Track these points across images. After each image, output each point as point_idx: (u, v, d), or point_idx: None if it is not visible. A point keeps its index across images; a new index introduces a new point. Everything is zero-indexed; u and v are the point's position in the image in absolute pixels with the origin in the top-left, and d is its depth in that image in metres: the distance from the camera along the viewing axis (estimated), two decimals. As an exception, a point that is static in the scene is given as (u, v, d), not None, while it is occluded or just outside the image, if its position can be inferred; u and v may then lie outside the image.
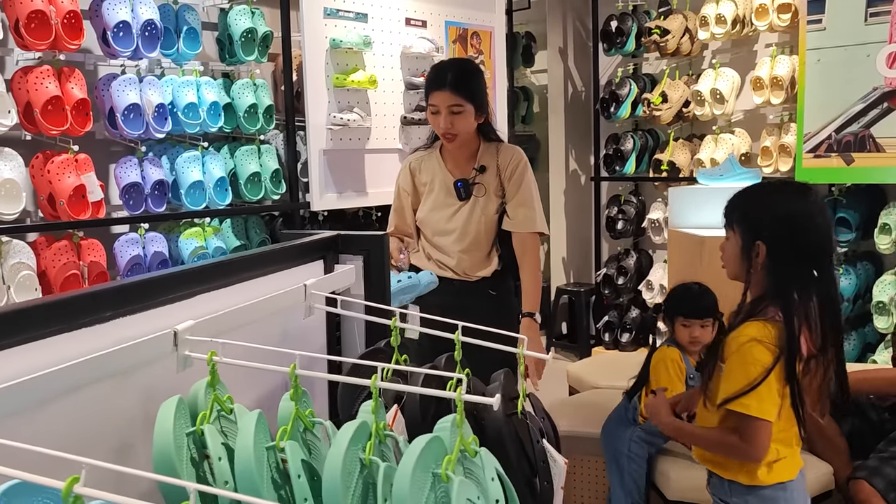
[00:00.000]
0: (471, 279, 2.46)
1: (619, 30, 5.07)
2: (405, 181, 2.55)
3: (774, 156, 4.51)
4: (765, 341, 1.51)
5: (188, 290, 1.11)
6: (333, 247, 1.46)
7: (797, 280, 1.55)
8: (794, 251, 1.56)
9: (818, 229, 1.58)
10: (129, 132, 2.93)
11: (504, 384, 1.18)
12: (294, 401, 0.96)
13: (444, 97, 2.32)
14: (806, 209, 1.59)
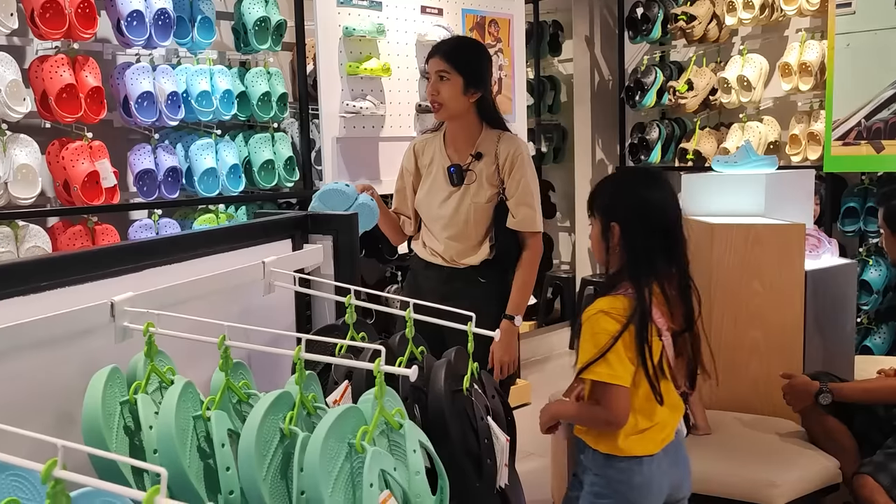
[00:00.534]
0: (458, 266, 2.42)
1: (644, 17, 4.99)
2: (408, 161, 2.56)
3: (803, 144, 4.40)
4: (612, 312, 1.61)
5: (136, 262, 1.13)
6: (302, 226, 1.47)
7: (648, 257, 1.66)
8: (644, 231, 1.67)
9: (665, 210, 1.70)
10: (142, 120, 2.99)
11: (454, 362, 1.18)
12: (224, 371, 0.97)
13: (433, 63, 2.36)
14: (653, 192, 1.71)
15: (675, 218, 1.71)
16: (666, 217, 1.69)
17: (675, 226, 1.70)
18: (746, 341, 2.81)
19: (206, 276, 1.17)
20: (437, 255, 2.44)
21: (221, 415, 0.93)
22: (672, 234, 1.69)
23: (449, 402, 1.10)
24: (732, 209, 3.08)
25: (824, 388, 2.32)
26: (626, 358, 1.60)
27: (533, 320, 5.88)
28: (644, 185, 1.73)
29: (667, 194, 1.72)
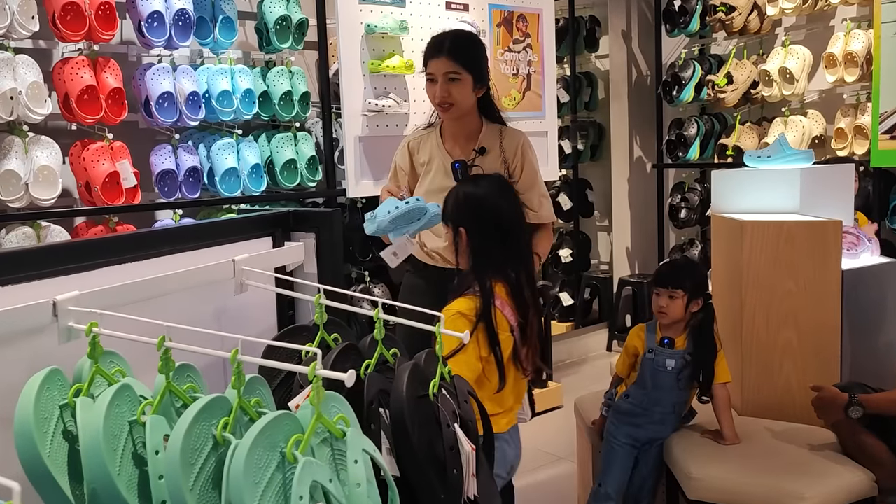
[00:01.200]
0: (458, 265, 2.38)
1: (682, 9, 4.85)
2: (403, 159, 2.46)
3: (849, 138, 4.20)
4: (466, 313, 1.72)
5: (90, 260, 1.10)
6: (283, 223, 1.42)
7: (488, 256, 1.79)
8: (482, 231, 1.81)
9: (499, 211, 1.82)
10: (162, 120, 3.00)
11: (423, 364, 1.12)
12: (164, 374, 0.93)
13: (440, 64, 2.26)
14: (487, 195, 1.84)
15: (511, 217, 1.84)
16: (501, 217, 1.82)
17: (513, 225, 1.84)
18: (779, 343, 2.68)
19: (163, 275, 1.13)
20: (438, 255, 2.36)
21: (158, 420, 0.89)
22: (512, 233, 1.83)
23: (412, 407, 1.04)
24: (766, 206, 2.94)
25: (854, 400, 2.18)
26: (474, 357, 1.70)
27: (570, 321, 5.76)
28: (479, 189, 1.86)
29: (500, 195, 1.85)
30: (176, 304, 1.20)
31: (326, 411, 0.89)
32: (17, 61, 2.68)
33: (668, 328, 2.43)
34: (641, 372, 2.45)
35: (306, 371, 0.83)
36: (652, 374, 2.42)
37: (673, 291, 2.36)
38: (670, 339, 2.41)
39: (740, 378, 2.74)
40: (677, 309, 2.37)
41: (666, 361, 2.41)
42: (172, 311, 1.15)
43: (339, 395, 0.91)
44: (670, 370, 2.41)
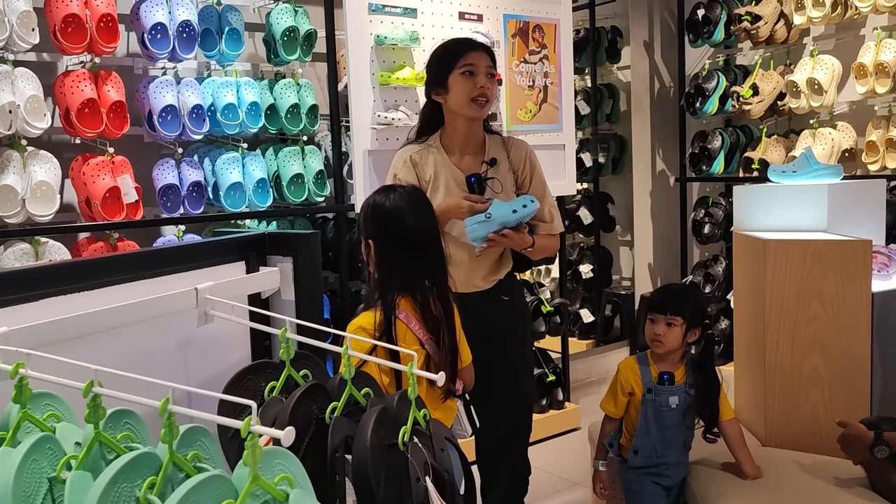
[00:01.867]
0: (484, 287, 2.27)
1: (706, 18, 4.70)
2: (408, 174, 2.28)
3: (881, 151, 4.02)
4: (367, 328, 1.63)
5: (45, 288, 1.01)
6: (259, 247, 1.33)
7: (393, 269, 1.72)
8: (388, 243, 1.74)
9: (409, 224, 1.74)
10: (165, 134, 2.94)
11: (395, 408, 1.01)
12: (92, 423, 0.83)
13: (482, 57, 2.21)
14: (398, 208, 1.75)
15: (421, 231, 1.76)
16: (409, 230, 1.74)
17: (422, 239, 1.76)
18: (805, 369, 2.53)
19: (107, 308, 1.03)
20: (460, 279, 2.19)
21: (82, 477, 0.79)
22: (421, 247, 1.75)
23: (378, 457, 0.93)
24: (792, 224, 2.79)
25: (880, 439, 2.02)
26: (375, 369, 1.58)
27: (591, 339, 5.61)
28: (389, 201, 1.77)
29: (411, 208, 1.76)
30: (135, 336, 1.11)
31: (269, 469, 0.78)
32: (15, 74, 2.63)
33: (663, 359, 2.25)
34: (644, 416, 2.26)
35: (239, 425, 0.72)
36: (656, 416, 2.24)
37: (671, 318, 2.19)
38: (670, 374, 2.23)
39: (764, 406, 2.59)
40: (675, 338, 2.20)
41: (669, 399, 2.24)
42: (130, 343, 1.05)
43: (283, 449, 0.80)
44: (675, 408, 2.23)
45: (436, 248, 1.80)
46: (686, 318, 2.20)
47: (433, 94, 2.29)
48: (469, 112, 2.23)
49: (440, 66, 2.26)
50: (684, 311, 2.20)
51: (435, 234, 1.80)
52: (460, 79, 2.20)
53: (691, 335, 2.24)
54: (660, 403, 2.24)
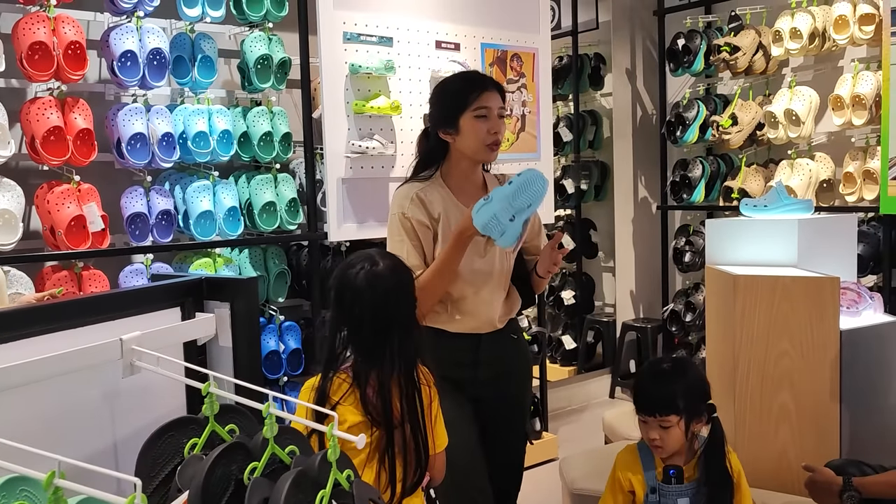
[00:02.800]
0: (497, 327, 2.18)
1: (685, 48, 4.72)
2: (419, 213, 2.10)
3: (858, 183, 4.03)
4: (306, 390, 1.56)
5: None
6: (195, 292, 1.29)
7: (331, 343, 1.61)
8: (342, 319, 1.62)
9: (363, 301, 1.60)
10: (133, 162, 2.91)
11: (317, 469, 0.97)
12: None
13: (496, 98, 2.11)
14: (351, 282, 1.62)
15: (376, 308, 1.61)
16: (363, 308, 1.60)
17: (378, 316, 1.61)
18: (774, 407, 2.51)
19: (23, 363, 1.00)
20: (477, 320, 2.14)
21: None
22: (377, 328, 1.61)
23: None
24: (763, 258, 2.78)
25: (849, 486, 1.99)
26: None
27: (573, 365, 5.58)
28: (347, 272, 1.64)
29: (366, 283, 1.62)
30: (61, 388, 1.07)
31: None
32: (-20, 102, 2.60)
33: (671, 456, 1.95)
34: None
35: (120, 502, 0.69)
36: None
37: (663, 420, 1.88)
38: (678, 470, 1.91)
39: (734, 443, 2.55)
40: (675, 439, 1.89)
41: (678, 502, 1.92)
42: (55, 394, 1.02)
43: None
44: None
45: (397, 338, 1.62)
46: (682, 413, 1.89)
47: (441, 132, 2.14)
48: (480, 156, 2.14)
49: (452, 104, 2.12)
50: (677, 407, 1.89)
51: (397, 326, 1.62)
52: (474, 121, 2.09)
53: (696, 426, 1.94)
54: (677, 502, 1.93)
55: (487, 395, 2.19)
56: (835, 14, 4.01)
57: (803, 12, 4.16)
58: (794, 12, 4.20)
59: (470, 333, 2.15)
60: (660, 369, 1.98)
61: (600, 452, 2.99)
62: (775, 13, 4.34)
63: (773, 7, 4.41)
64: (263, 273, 3.37)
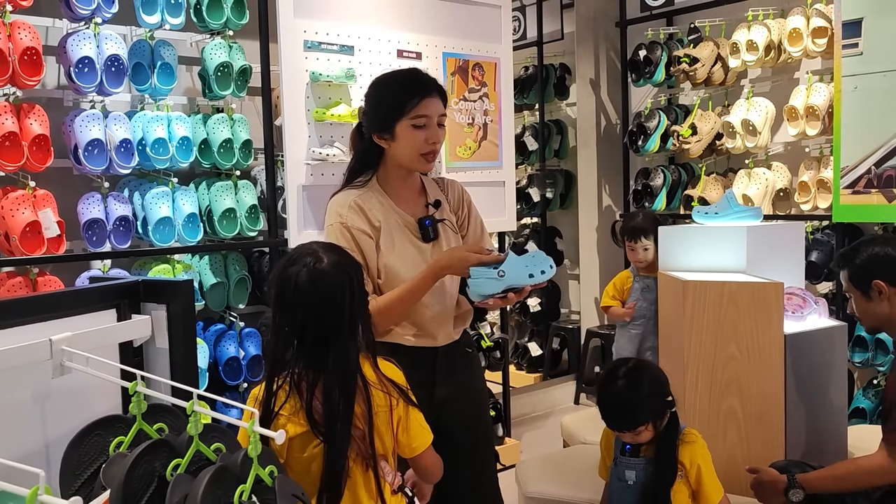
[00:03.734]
0: (452, 339, 2.12)
1: (647, 59, 4.80)
2: (359, 220, 2.01)
3: (813, 191, 4.12)
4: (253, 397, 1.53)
5: None
6: (132, 294, 1.31)
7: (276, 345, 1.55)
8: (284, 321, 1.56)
9: (298, 302, 1.54)
10: (91, 168, 2.91)
11: (240, 466, 0.99)
12: None
13: (437, 105, 2.00)
14: (292, 281, 1.55)
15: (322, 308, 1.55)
16: (302, 309, 1.54)
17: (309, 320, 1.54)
18: (722, 410, 2.56)
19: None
20: (429, 334, 2.08)
21: None
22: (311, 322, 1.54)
23: (210, 519, 0.91)
24: (713, 264, 2.84)
25: (794, 483, 2.05)
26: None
27: (539, 372, 5.62)
28: (285, 271, 1.57)
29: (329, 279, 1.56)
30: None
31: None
32: (-66, 107, 2.59)
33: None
34: (609, 494, 2.12)
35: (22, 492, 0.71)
36: (615, 495, 2.07)
37: (633, 432, 2.01)
38: (633, 446, 2.05)
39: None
40: (647, 437, 2.03)
41: (626, 474, 2.05)
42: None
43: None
44: (630, 485, 2.02)
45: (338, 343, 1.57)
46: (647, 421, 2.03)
47: (375, 136, 2.06)
48: (414, 166, 2.06)
49: (388, 109, 2.02)
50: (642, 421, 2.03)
51: (339, 328, 1.57)
52: (411, 130, 1.99)
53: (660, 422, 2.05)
54: (619, 477, 2.06)
55: (447, 413, 2.09)
56: (789, 27, 4.11)
57: (759, 25, 4.26)
58: (750, 25, 4.30)
59: (427, 347, 2.09)
60: (616, 390, 2.03)
61: (556, 457, 3.02)
62: (733, 25, 4.44)
63: (732, 20, 4.50)
64: (224, 280, 3.37)
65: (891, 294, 2.13)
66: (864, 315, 2.20)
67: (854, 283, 2.18)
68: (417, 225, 2.09)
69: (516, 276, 1.86)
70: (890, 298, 2.14)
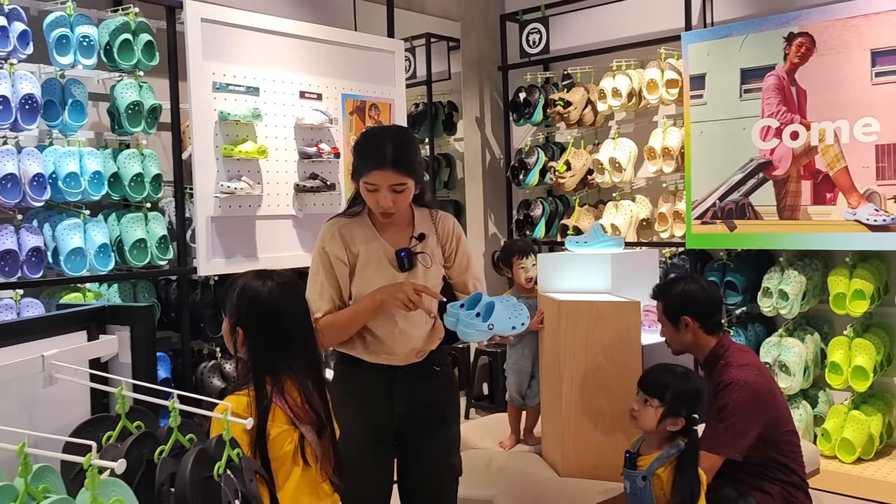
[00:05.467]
0: (418, 359, 2.27)
1: (526, 101, 5.29)
2: (337, 249, 2.21)
3: (670, 221, 4.69)
4: (241, 415, 1.59)
5: None
6: (99, 317, 1.54)
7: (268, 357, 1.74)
8: (262, 332, 1.76)
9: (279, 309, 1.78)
10: (5, 201, 3.02)
11: (213, 448, 1.26)
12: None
13: (384, 176, 2.11)
14: (271, 298, 1.78)
15: (295, 325, 1.80)
16: (282, 315, 1.78)
17: (297, 333, 1.80)
18: (593, 409, 2.95)
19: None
20: (395, 353, 2.24)
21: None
22: (295, 331, 1.79)
23: (196, 487, 1.18)
24: (584, 286, 3.26)
25: None
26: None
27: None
28: (262, 290, 1.78)
29: (287, 297, 1.81)
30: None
31: (105, 495, 1.02)
32: None
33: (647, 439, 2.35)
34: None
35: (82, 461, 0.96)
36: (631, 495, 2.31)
37: (648, 398, 2.28)
38: (632, 455, 2.29)
39: (562, 443, 3.00)
40: (646, 419, 2.30)
41: (624, 481, 2.32)
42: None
43: (118, 480, 1.04)
44: (626, 492, 2.29)
45: (308, 341, 1.81)
46: (664, 404, 2.26)
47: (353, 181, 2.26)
48: (377, 215, 2.22)
49: (354, 166, 2.22)
50: (662, 396, 2.26)
51: (307, 324, 1.82)
52: (364, 190, 2.17)
53: (671, 423, 2.27)
54: (625, 480, 2.32)
55: (406, 430, 2.25)
56: (647, 78, 4.70)
57: (622, 74, 4.83)
58: (615, 74, 4.87)
59: (387, 365, 2.23)
60: (671, 366, 2.38)
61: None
62: (601, 73, 5.00)
63: (599, 68, 5.06)
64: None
65: (694, 327, 2.60)
66: (672, 341, 2.68)
67: (667, 316, 2.63)
68: (396, 254, 2.23)
69: (501, 327, 2.12)
70: (694, 331, 2.61)
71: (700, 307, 2.62)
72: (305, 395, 1.74)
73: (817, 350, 4.22)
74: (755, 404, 2.49)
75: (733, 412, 2.47)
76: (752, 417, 2.48)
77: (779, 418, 2.57)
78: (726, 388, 2.51)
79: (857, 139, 3.89)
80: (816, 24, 3.98)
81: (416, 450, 2.31)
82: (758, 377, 2.57)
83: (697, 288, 2.66)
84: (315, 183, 3.92)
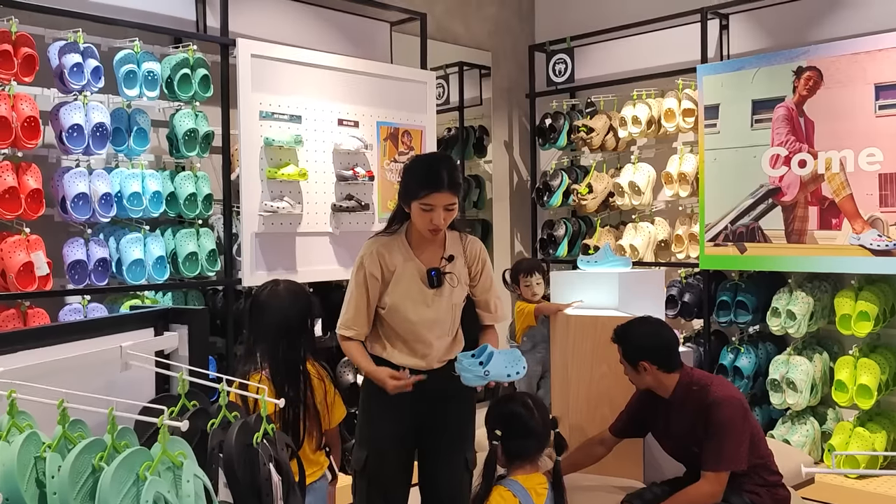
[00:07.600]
0: (443, 364, 2.57)
1: (552, 127, 5.59)
2: (373, 266, 2.52)
3: (686, 243, 4.93)
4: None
5: (22, 344, 1.54)
6: (164, 317, 1.89)
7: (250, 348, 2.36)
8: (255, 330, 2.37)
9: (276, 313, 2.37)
10: (77, 217, 3.42)
11: (253, 423, 1.59)
12: (61, 424, 1.37)
13: (441, 198, 2.39)
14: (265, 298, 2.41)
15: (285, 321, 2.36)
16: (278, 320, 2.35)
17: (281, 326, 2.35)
18: (597, 416, 3.22)
19: (63, 357, 1.57)
20: (425, 357, 2.54)
21: (54, 456, 1.32)
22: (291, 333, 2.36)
23: (239, 452, 1.50)
24: (593, 302, 3.54)
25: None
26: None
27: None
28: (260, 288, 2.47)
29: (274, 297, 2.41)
30: (77, 378, 1.64)
31: (171, 449, 1.34)
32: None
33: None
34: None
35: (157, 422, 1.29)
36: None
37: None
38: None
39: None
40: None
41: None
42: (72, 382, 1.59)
43: (181, 439, 1.37)
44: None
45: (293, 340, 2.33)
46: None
47: (401, 202, 2.53)
48: (423, 234, 2.49)
49: (408, 189, 2.46)
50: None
51: (298, 331, 2.36)
52: (419, 210, 2.42)
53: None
54: None
55: (426, 422, 2.56)
56: (665, 107, 4.96)
57: (642, 103, 5.10)
58: (635, 102, 5.14)
59: (413, 368, 2.51)
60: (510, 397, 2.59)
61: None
62: (623, 101, 5.28)
63: (621, 96, 5.34)
64: (184, 313, 3.89)
65: (653, 370, 2.75)
66: (634, 382, 2.85)
67: (626, 360, 2.81)
68: (427, 273, 2.55)
69: (497, 373, 2.38)
70: (653, 373, 2.76)
71: (655, 351, 2.74)
72: (275, 383, 2.23)
73: (826, 369, 4.41)
74: (745, 416, 2.71)
75: (731, 427, 2.64)
76: (745, 427, 2.69)
77: (756, 425, 2.81)
78: (715, 407, 2.65)
79: (862, 168, 4.10)
80: (823, 59, 4.21)
81: (436, 443, 2.61)
82: (736, 391, 2.81)
83: (651, 331, 2.80)
84: (351, 203, 4.27)
